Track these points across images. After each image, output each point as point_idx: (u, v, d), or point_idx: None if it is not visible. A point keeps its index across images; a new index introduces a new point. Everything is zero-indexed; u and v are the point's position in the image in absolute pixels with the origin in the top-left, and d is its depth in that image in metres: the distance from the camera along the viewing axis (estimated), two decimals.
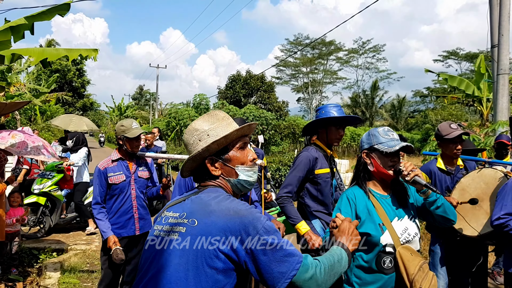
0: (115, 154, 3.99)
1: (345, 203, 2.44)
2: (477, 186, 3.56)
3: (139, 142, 3.93)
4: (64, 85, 42.55)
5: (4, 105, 6.89)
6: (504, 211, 3.11)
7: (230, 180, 1.62)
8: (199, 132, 1.61)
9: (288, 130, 30.55)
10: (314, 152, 3.41)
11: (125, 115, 44.93)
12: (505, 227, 3.07)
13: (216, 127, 1.60)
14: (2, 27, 4.85)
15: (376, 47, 52.99)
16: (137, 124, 3.92)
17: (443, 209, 2.39)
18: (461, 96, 15.68)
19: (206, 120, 1.64)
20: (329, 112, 3.38)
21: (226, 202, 1.49)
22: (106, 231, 3.78)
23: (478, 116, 25.51)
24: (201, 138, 1.60)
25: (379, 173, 2.42)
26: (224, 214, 1.43)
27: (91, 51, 5.14)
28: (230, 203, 1.49)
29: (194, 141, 1.61)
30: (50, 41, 39.47)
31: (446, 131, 3.73)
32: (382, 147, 2.39)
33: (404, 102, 47.51)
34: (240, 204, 1.49)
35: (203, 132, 1.60)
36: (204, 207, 1.49)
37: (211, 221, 1.42)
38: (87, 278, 5.46)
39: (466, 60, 46.85)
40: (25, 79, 22.48)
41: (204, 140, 1.58)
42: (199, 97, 30.94)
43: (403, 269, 2.21)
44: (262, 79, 36.11)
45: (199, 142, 1.59)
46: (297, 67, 54.78)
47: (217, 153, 1.59)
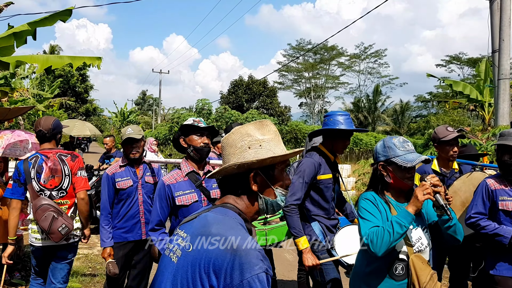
0: (123, 159, 4.04)
1: (371, 205, 2.40)
2: (467, 189, 3.64)
3: (135, 147, 3.93)
4: (67, 90, 42.71)
5: (7, 110, 6.97)
6: (475, 210, 3.23)
7: (266, 199, 1.50)
8: (251, 138, 1.48)
9: (290, 135, 30.57)
10: (317, 158, 3.42)
11: (128, 120, 45.00)
12: (476, 226, 3.18)
13: (270, 141, 1.49)
14: (5, 33, 4.92)
15: (377, 52, 53.06)
16: (132, 130, 3.93)
17: (454, 229, 2.38)
18: (463, 101, 15.67)
19: (258, 128, 1.52)
20: (338, 122, 3.35)
21: (229, 229, 1.35)
22: (106, 241, 3.84)
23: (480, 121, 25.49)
24: (251, 146, 1.47)
25: (396, 184, 2.41)
26: (218, 244, 1.31)
27: (95, 59, 5.19)
28: (233, 231, 1.35)
29: (242, 146, 1.48)
30: (54, 47, 39.74)
31: (443, 134, 3.84)
32: (401, 161, 2.34)
33: (407, 107, 47.49)
34: (243, 238, 1.32)
35: (256, 140, 1.48)
36: (204, 230, 1.38)
37: (204, 249, 1.32)
38: (89, 282, 5.48)
39: (469, 65, 46.82)
40: (28, 85, 22.60)
41: (255, 149, 1.46)
42: (202, 102, 30.98)
43: (415, 277, 2.23)
44: (264, 84, 36.17)
45: (248, 150, 1.46)
46: (299, 72, 54.88)
47: (263, 168, 1.48)
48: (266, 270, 1.26)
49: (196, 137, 3.04)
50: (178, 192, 2.95)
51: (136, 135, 3.90)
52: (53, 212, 3.61)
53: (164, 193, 2.95)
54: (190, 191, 2.98)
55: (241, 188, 1.50)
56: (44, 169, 3.69)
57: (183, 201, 2.94)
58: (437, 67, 50.55)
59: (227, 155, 1.51)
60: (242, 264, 1.24)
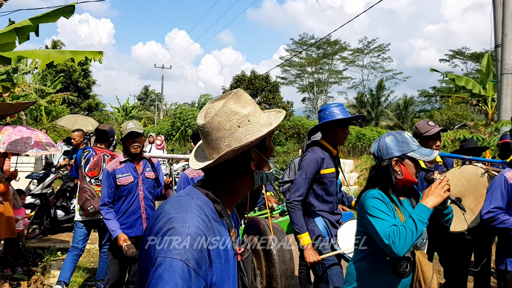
0: (122, 155, 4.04)
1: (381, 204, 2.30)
2: (458, 182, 3.63)
3: (136, 141, 3.94)
4: (69, 85, 42.70)
5: (10, 105, 6.98)
6: (494, 204, 3.20)
7: (262, 173, 1.41)
8: (238, 116, 1.33)
9: (292, 131, 30.56)
10: (320, 153, 3.42)
11: (131, 116, 45.06)
12: (494, 220, 3.17)
13: (254, 113, 1.37)
14: (7, 28, 4.91)
15: (381, 47, 52.86)
16: (133, 124, 3.94)
17: (450, 221, 2.41)
18: (467, 96, 15.62)
19: (237, 102, 1.36)
20: (333, 113, 3.37)
21: (176, 208, 1.27)
22: (115, 229, 3.83)
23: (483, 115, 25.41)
24: (240, 124, 1.33)
25: (405, 181, 2.35)
26: (160, 220, 1.25)
27: (96, 53, 5.18)
28: (179, 210, 1.26)
29: (231, 127, 1.32)
30: (56, 42, 39.73)
31: (425, 129, 3.85)
32: (419, 156, 2.30)
33: (410, 102, 47.35)
34: (183, 219, 1.22)
35: (243, 117, 1.33)
36: (159, 208, 1.35)
37: (152, 226, 1.28)
38: (91, 277, 5.51)
39: (472, 59, 46.59)
40: (30, 80, 22.64)
41: (245, 126, 1.33)
42: (205, 97, 31.00)
43: (420, 274, 2.21)
44: (267, 79, 36.11)
45: (238, 129, 1.32)
46: (302, 67, 54.72)
47: (258, 144, 1.37)
48: (186, 260, 1.13)
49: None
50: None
51: (138, 129, 3.90)
52: (87, 194, 4.72)
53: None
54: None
55: (234, 171, 1.38)
56: (90, 161, 4.84)
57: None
58: (441, 61, 50.29)
59: (215, 140, 1.35)
60: (163, 242, 1.17)
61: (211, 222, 1.28)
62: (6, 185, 5.23)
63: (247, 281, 1.45)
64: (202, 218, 1.25)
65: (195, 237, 1.18)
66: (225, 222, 1.35)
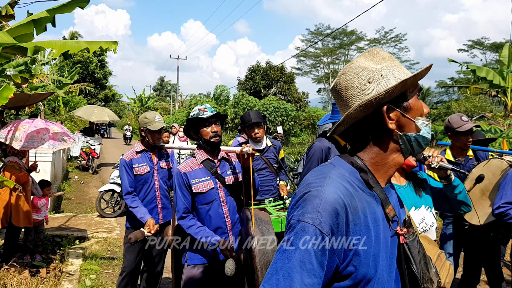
0: (138, 145, 4.08)
1: None
2: (486, 176, 3.58)
3: (161, 135, 4.00)
4: (86, 76, 43.15)
5: (28, 96, 7.08)
6: (504, 200, 3.15)
7: (408, 136, 1.21)
8: (368, 71, 1.20)
9: (307, 122, 30.41)
10: (326, 143, 3.43)
11: (147, 106, 45.34)
12: (505, 216, 3.12)
13: (390, 66, 1.21)
14: (25, 20, 4.95)
15: (398, 36, 52.15)
16: (160, 117, 4.00)
17: (464, 194, 2.40)
18: (485, 86, 15.35)
19: (370, 59, 1.23)
20: None
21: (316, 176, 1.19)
22: (144, 215, 3.79)
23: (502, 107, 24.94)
24: (371, 79, 1.19)
25: (405, 164, 2.39)
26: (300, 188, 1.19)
27: (111, 43, 5.21)
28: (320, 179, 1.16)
29: (360, 83, 1.20)
30: (73, 33, 40.08)
31: (458, 124, 3.78)
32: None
33: (427, 93, 46.72)
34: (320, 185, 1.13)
35: (373, 71, 1.19)
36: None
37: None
38: (108, 265, 5.60)
39: (491, 50, 45.69)
40: (48, 71, 22.91)
41: (376, 81, 1.18)
42: (220, 88, 31.00)
43: None
44: (282, 70, 35.96)
45: (369, 85, 1.18)
46: (318, 58, 54.33)
47: (394, 101, 1.19)
48: (318, 225, 1.06)
49: (204, 128, 2.95)
50: (194, 179, 2.93)
51: (164, 123, 3.97)
52: None
53: (182, 180, 2.93)
54: (206, 178, 2.96)
55: (371, 135, 1.23)
56: None
57: (200, 189, 2.92)
58: (459, 52, 49.54)
59: (345, 101, 1.23)
60: (298, 206, 1.13)
61: (357, 191, 1.16)
62: (27, 176, 5.34)
63: (415, 268, 1.25)
64: (344, 185, 1.14)
65: (331, 203, 1.09)
66: (375, 194, 1.20)
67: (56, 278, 4.98)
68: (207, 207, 2.94)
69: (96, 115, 22.52)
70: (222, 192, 2.98)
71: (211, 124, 2.95)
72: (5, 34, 4.43)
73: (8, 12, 4.92)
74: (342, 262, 1.10)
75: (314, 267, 1.05)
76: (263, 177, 4.36)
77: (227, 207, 2.99)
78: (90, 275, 5.14)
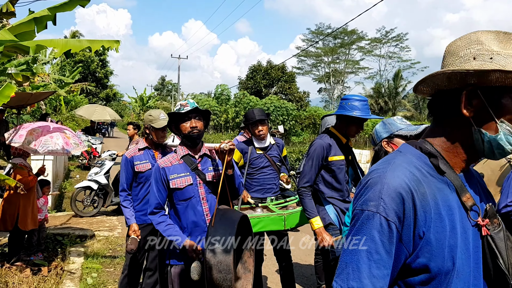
0: (141, 143, 4.09)
1: None
2: (485, 173, 3.56)
3: (165, 132, 4.02)
4: (87, 75, 43.19)
5: (29, 95, 7.09)
6: (511, 198, 3.07)
7: (483, 134, 1.09)
8: (481, 48, 1.08)
9: (308, 121, 30.41)
10: (327, 139, 3.44)
11: (148, 106, 45.35)
12: None
13: (508, 55, 1.05)
14: (26, 18, 4.94)
15: (399, 36, 52.09)
16: (164, 115, 4.00)
17: None
18: None
19: (499, 39, 1.09)
20: (355, 107, 3.31)
21: (382, 164, 1.15)
22: (130, 218, 3.90)
23: None
24: (477, 57, 1.07)
25: None
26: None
27: (113, 42, 5.19)
28: (383, 166, 1.13)
29: (465, 55, 1.09)
30: (75, 33, 40.12)
31: None
32: (405, 132, 2.47)
33: None
34: (383, 172, 1.09)
35: (487, 51, 1.07)
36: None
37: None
38: (109, 264, 5.59)
39: None
40: (50, 70, 22.93)
41: (481, 61, 1.06)
42: (221, 87, 31.01)
43: None
44: (283, 69, 35.97)
45: (472, 61, 1.07)
46: (318, 57, 54.28)
47: (487, 89, 1.07)
48: (382, 212, 1.03)
49: (183, 123, 2.91)
50: (172, 175, 2.88)
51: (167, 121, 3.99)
52: None
53: (160, 175, 2.89)
54: (185, 174, 2.91)
55: (447, 112, 1.14)
56: None
57: (177, 184, 2.87)
58: None
59: (443, 67, 1.15)
60: (361, 195, 1.10)
61: (425, 177, 1.09)
62: (35, 180, 5.33)
63: (501, 263, 1.11)
64: (410, 170, 1.08)
65: (395, 187, 1.04)
66: (448, 180, 1.12)
67: (58, 276, 4.97)
68: (185, 203, 2.87)
69: (97, 114, 22.50)
70: (203, 189, 2.90)
71: (190, 119, 2.91)
72: (6, 32, 4.42)
73: (9, 10, 4.90)
74: (411, 253, 1.05)
75: (382, 257, 1.02)
76: (265, 175, 4.35)
77: (207, 205, 2.90)
78: (92, 273, 5.14)
